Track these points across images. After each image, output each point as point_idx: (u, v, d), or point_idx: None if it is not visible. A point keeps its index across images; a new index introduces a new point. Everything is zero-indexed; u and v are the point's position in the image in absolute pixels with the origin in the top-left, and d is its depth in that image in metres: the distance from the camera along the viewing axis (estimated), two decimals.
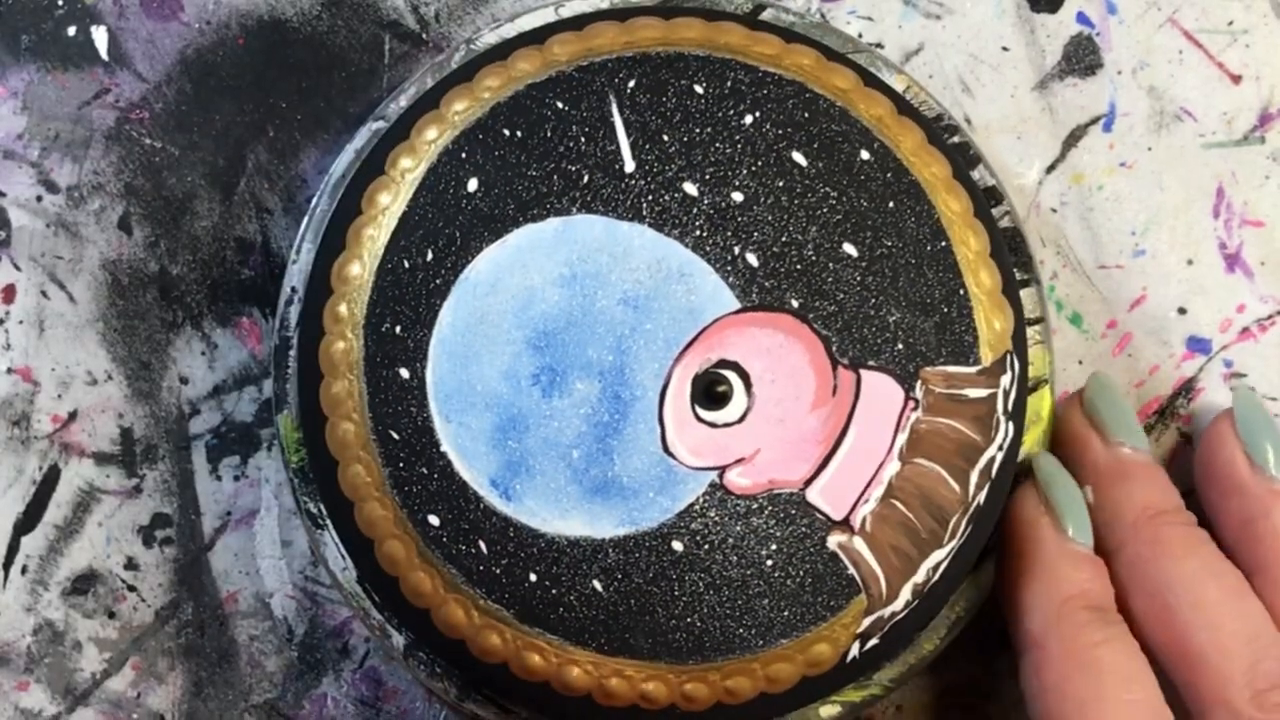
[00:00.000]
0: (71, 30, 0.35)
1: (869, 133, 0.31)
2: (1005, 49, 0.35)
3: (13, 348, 0.35)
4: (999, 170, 0.34)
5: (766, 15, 0.33)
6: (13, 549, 0.35)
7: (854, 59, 0.33)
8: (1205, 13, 0.35)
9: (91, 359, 0.35)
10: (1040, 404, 0.32)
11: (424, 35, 0.35)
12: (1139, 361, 0.35)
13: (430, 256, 0.31)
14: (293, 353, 0.32)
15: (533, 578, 0.30)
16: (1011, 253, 0.33)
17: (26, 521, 0.35)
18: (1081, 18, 0.35)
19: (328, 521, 0.32)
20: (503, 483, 0.30)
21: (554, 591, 0.30)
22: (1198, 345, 0.35)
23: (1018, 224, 0.33)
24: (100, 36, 0.35)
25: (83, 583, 0.35)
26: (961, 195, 0.31)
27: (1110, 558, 0.31)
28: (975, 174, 0.33)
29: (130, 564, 0.35)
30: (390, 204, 0.31)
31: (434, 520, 0.30)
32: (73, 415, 0.35)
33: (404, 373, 0.31)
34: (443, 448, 0.30)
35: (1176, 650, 0.30)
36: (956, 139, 0.33)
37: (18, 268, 0.35)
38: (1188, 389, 0.35)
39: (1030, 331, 0.32)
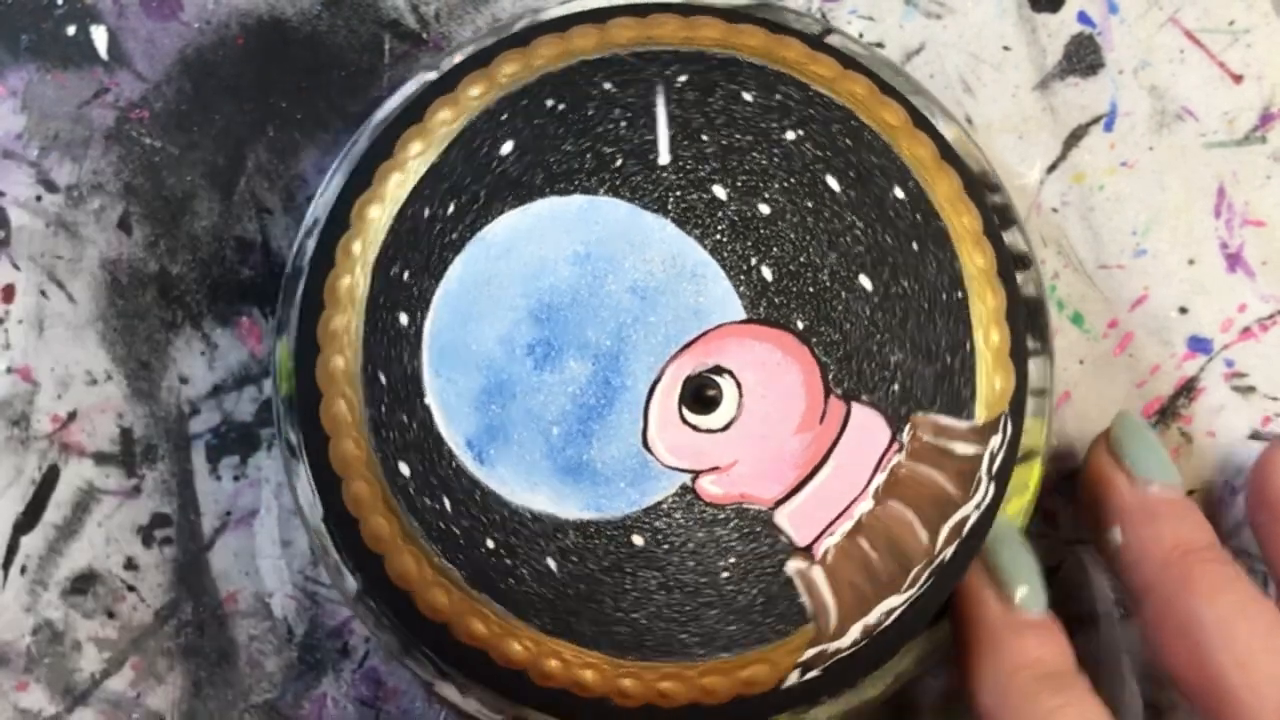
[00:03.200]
0: (71, 29, 0.35)
1: (907, 171, 0.31)
2: (1006, 48, 0.35)
3: (12, 347, 0.35)
4: (1000, 169, 0.34)
5: (833, 40, 0.33)
6: (12, 549, 0.35)
7: (910, 99, 0.33)
8: (1207, 12, 0.35)
9: (91, 359, 0.35)
10: (1029, 476, 0.32)
11: (424, 35, 0.35)
12: (1140, 361, 0.35)
13: (451, 210, 0.31)
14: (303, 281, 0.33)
15: (490, 544, 0.30)
16: (1029, 318, 0.32)
17: (26, 521, 0.35)
18: (1083, 17, 0.35)
19: (303, 453, 0.32)
20: (479, 445, 0.30)
21: (508, 561, 0.30)
22: (1199, 345, 0.35)
23: (1041, 294, 0.33)
24: (100, 36, 0.35)
25: (82, 583, 0.35)
26: (988, 251, 0.31)
27: (1139, 599, 0.31)
28: (1008, 236, 0.33)
29: (130, 564, 0.35)
30: (422, 152, 0.31)
31: (404, 469, 0.30)
32: (72, 415, 0.35)
33: (404, 319, 0.31)
34: (427, 399, 0.30)
35: (1208, 691, 0.29)
36: (997, 198, 0.33)
37: (17, 267, 0.35)
38: (1189, 389, 0.35)
39: (1031, 403, 0.32)
